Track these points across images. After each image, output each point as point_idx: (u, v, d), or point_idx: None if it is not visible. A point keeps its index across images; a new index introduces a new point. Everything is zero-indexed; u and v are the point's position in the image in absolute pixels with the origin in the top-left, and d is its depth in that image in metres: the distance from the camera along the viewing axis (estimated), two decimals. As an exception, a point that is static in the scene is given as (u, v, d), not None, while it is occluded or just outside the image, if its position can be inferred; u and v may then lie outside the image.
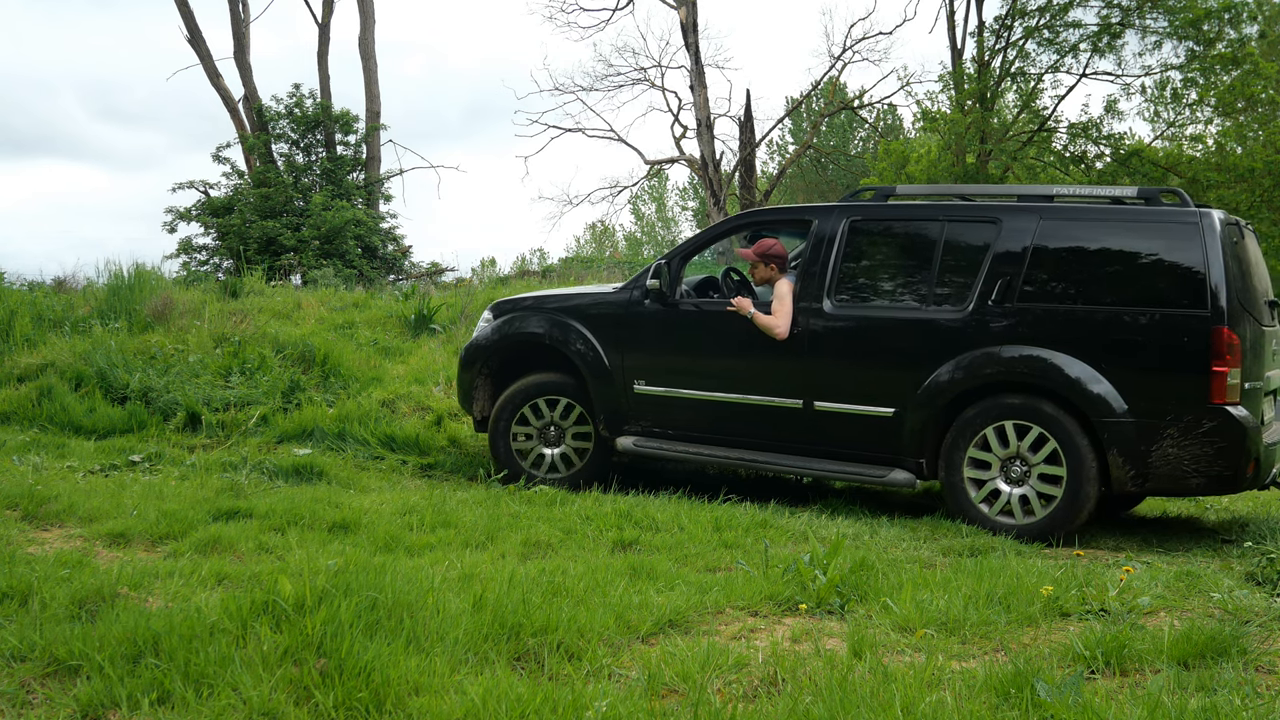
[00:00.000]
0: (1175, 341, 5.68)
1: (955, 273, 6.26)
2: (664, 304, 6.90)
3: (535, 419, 7.24)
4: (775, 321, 6.48)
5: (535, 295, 7.70)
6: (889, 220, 6.66)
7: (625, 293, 7.11)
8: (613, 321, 7.04)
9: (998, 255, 6.12)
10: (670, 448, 6.88)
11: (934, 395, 6.10)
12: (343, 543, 4.89)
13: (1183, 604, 4.07)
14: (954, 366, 6.07)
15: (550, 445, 7.26)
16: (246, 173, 22.38)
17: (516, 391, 7.24)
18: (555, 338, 7.16)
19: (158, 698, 2.89)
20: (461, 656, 3.21)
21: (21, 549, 4.48)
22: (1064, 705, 2.85)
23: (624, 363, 6.95)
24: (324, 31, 23.24)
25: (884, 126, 33.18)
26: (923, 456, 6.19)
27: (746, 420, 6.67)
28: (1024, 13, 21.06)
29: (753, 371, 6.62)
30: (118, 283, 11.29)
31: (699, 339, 6.84)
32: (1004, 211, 6.24)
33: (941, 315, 6.19)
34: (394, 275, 21.75)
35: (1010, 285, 6.04)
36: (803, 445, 6.52)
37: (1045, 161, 22.37)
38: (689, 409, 6.83)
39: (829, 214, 6.65)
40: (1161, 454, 5.64)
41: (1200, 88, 20.48)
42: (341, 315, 11.54)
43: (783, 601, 4.02)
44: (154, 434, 8.17)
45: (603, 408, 7.01)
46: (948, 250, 6.30)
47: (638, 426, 6.96)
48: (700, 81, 23.05)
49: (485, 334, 7.49)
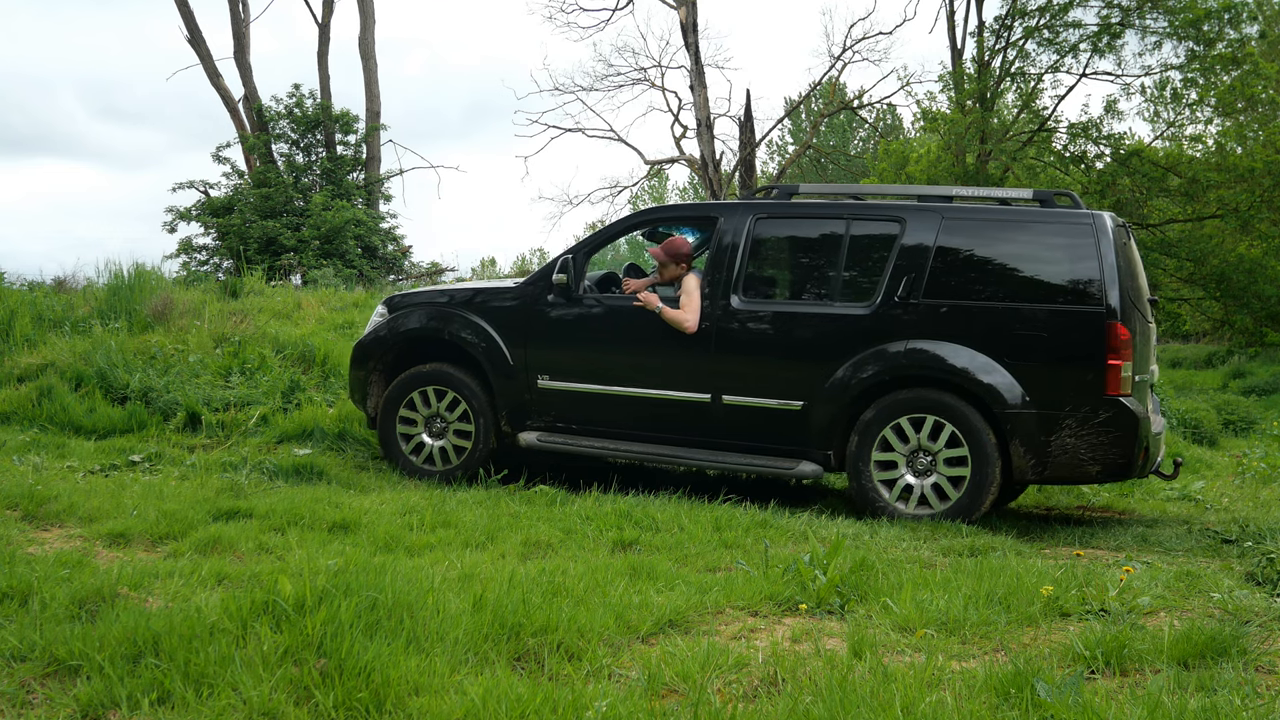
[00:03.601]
0: (1072, 337, 5.96)
1: (861, 270, 6.44)
2: (569, 299, 6.91)
3: (423, 408, 7.21)
4: (684, 316, 6.54)
5: (431, 290, 7.70)
6: (795, 218, 6.77)
7: (528, 287, 7.09)
8: (515, 317, 7.03)
9: (903, 253, 6.29)
10: (576, 443, 6.89)
11: (841, 388, 6.25)
12: (343, 543, 4.89)
13: (1183, 604, 4.07)
14: (861, 360, 6.22)
15: (434, 437, 7.22)
16: (246, 173, 22.39)
17: (406, 379, 7.21)
18: (454, 333, 7.14)
19: (158, 698, 2.89)
20: (461, 656, 3.21)
21: (21, 549, 4.48)
22: (1064, 705, 2.85)
23: (527, 358, 6.95)
24: (324, 31, 23.24)
25: (884, 126, 33.18)
26: (830, 448, 6.33)
27: (654, 415, 6.70)
28: (1024, 13, 21.06)
29: (660, 366, 6.68)
30: (118, 283, 11.29)
31: (605, 334, 6.89)
32: (908, 211, 6.43)
33: (849, 310, 6.35)
34: (394, 275, 21.75)
35: (916, 282, 6.22)
36: (711, 439, 6.60)
37: (1045, 161, 22.38)
38: (595, 404, 6.85)
39: (735, 211, 6.76)
40: (1060, 443, 5.90)
41: (1200, 88, 20.49)
42: (341, 315, 11.54)
43: (783, 601, 4.02)
44: (154, 434, 8.17)
45: (505, 403, 7.00)
46: (854, 248, 6.49)
47: (541, 421, 6.97)
48: (700, 81, 23.05)
49: (379, 329, 7.45)
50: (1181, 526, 6.71)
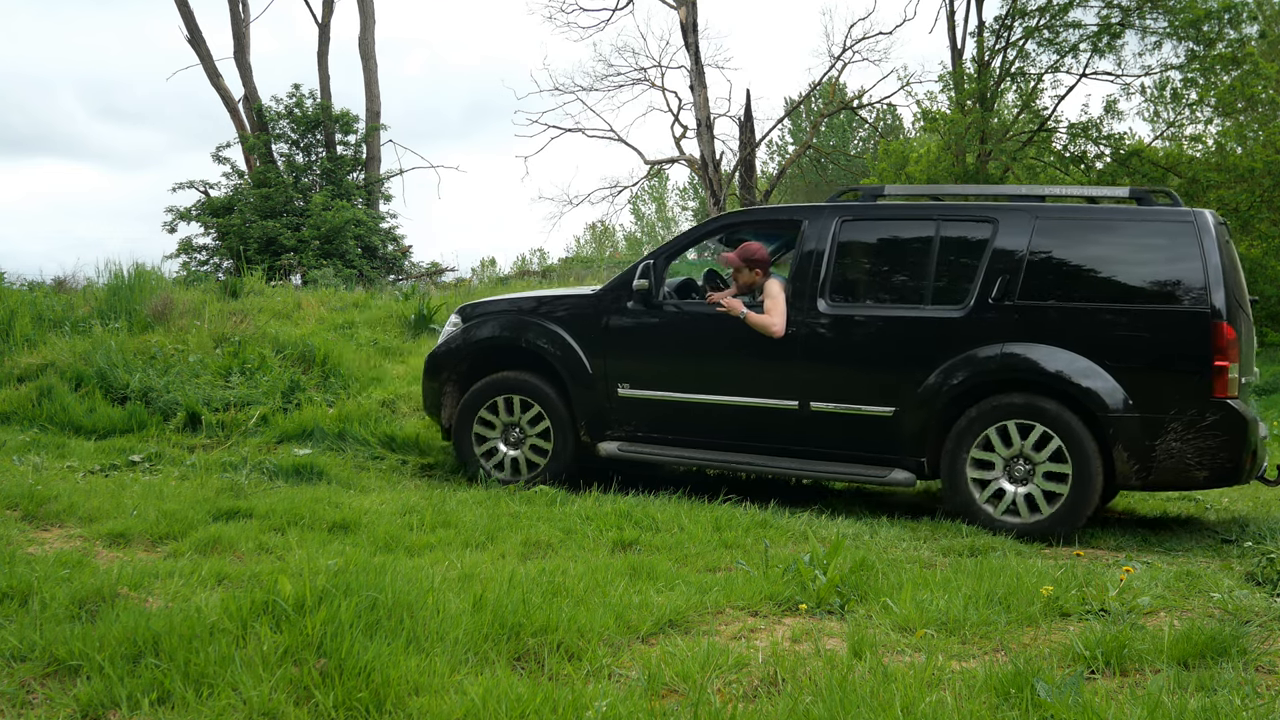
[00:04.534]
0: (1177, 338, 5.77)
1: (953, 271, 6.28)
2: (648, 305, 6.80)
3: (501, 416, 7.07)
4: (770, 321, 6.42)
5: (505, 298, 7.56)
6: (882, 220, 6.64)
7: (606, 294, 6.98)
8: (594, 324, 6.91)
9: (996, 254, 6.14)
10: (658, 452, 6.77)
11: (934, 394, 6.09)
12: (343, 543, 4.89)
13: (1183, 604, 4.07)
14: (955, 364, 6.06)
15: (511, 446, 7.09)
16: (246, 173, 22.40)
17: (483, 387, 7.08)
18: (531, 341, 7.01)
19: (158, 698, 2.89)
20: (461, 656, 3.21)
21: (21, 549, 4.48)
22: (1064, 705, 2.85)
23: (606, 366, 6.82)
24: (324, 31, 23.25)
25: (884, 126, 33.19)
26: (923, 456, 6.17)
27: (739, 422, 6.57)
28: (1024, 13, 21.07)
29: (745, 373, 6.55)
30: (118, 283, 11.29)
31: (687, 341, 6.75)
32: (1000, 211, 6.28)
33: (941, 313, 6.19)
34: (394, 275, 21.76)
35: (1010, 283, 6.06)
36: (798, 447, 6.46)
37: (1045, 162, 22.38)
38: (677, 412, 6.72)
39: (820, 213, 6.63)
40: (1165, 448, 5.70)
41: (1200, 88, 20.50)
42: (341, 315, 11.54)
43: (783, 601, 4.01)
44: (154, 434, 8.17)
45: (584, 412, 6.86)
46: (944, 249, 6.32)
47: (621, 431, 6.85)
48: (700, 81, 23.05)
49: (453, 339, 7.32)
50: (1181, 526, 6.71)
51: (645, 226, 54.02)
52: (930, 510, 6.36)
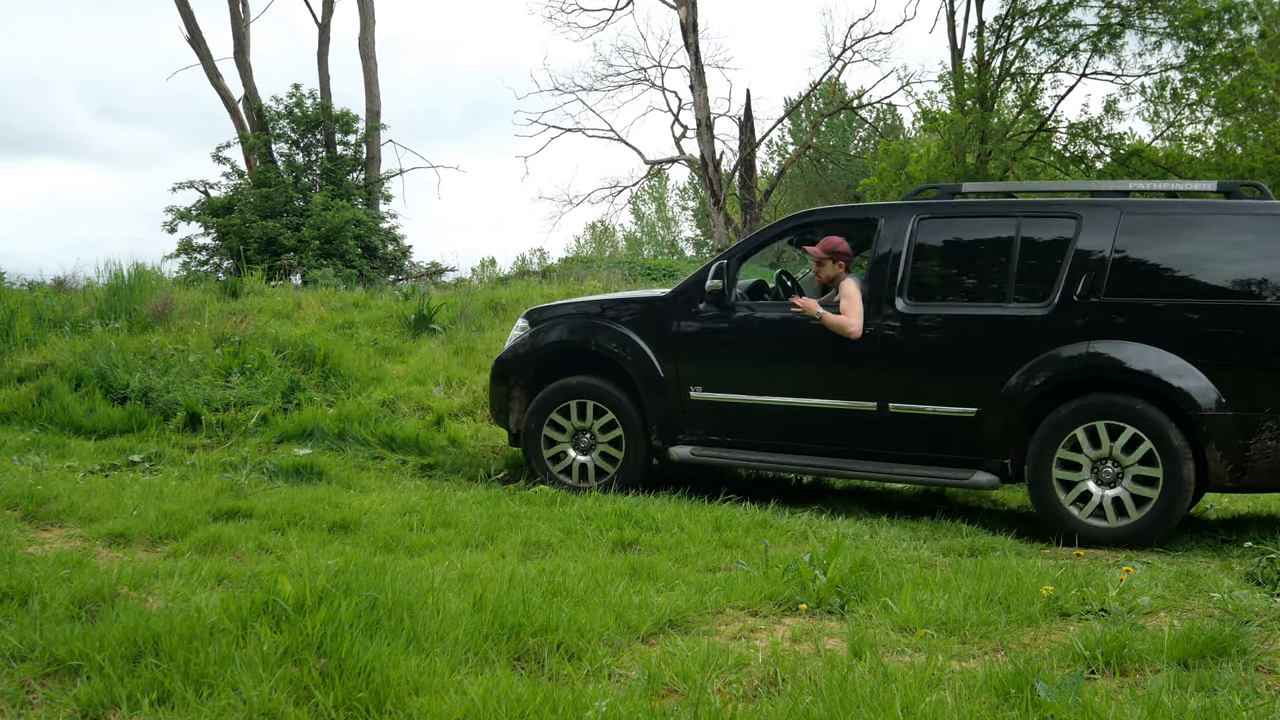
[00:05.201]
0: (1272, 334, 5.60)
1: (1036, 268, 6.09)
2: (721, 307, 6.67)
3: (572, 421, 6.96)
4: (847, 321, 6.29)
5: (573, 302, 7.49)
6: (961, 217, 6.47)
7: (677, 296, 6.85)
8: (665, 326, 6.79)
9: (1080, 250, 5.97)
10: (731, 456, 6.65)
11: (1018, 394, 5.93)
12: (343, 543, 4.89)
13: (1183, 604, 4.07)
14: (1039, 363, 5.90)
15: (582, 452, 6.97)
16: (246, 173, 22.39)
17: (553, 391, 6.98)
18: (601, 345, 6.91)
19: (158, 698, 2.89)
20: (461, 656, 3.21)
21: (21, 549, 4.48)
22: (1064, 705, 2.85)
23: (679, 369, 6.71)
24: (324, 31, 23.25)
25: (884, 126, 33.19)
26: (1007, 457, 6.01)
27: (815, 425, 6.42)
28: (1024, 13, 21.09)
29: (821, 374, 6.41)
30: (118, 283, 11.30)
31: (762, 342, 6.61)
32: (1084, 207, 6.11)
33: (1024, 312, 6.03)
34: (394, 275, 21.75)
35: (1095, 280, 5.89)
36: (877, 449, 6.30)
37: (1045, 161, 22.40)
38: (752, 415, 6.58)
39: (896, 212, 6.50)
40: (1260, 448, 5.53)
41: (1200, 88, 20.51)
42: (341, 315, 11.54)
43: (783, 601, 4.01)
44: (154, 434, 8.17)
45: (655, 416, 6.74)
46: (1026, 246, 6.14)
47: (694, 435, 6.72)
48: (700, 81, 23.05)
49: (521, 343, 7.22)
50: (1181, 526, 6.70)
51: (645, 226, 54.04)
52: (930, 510, 6.36)
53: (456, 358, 10.20)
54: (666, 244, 52.03)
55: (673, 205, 53.07)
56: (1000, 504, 7.37)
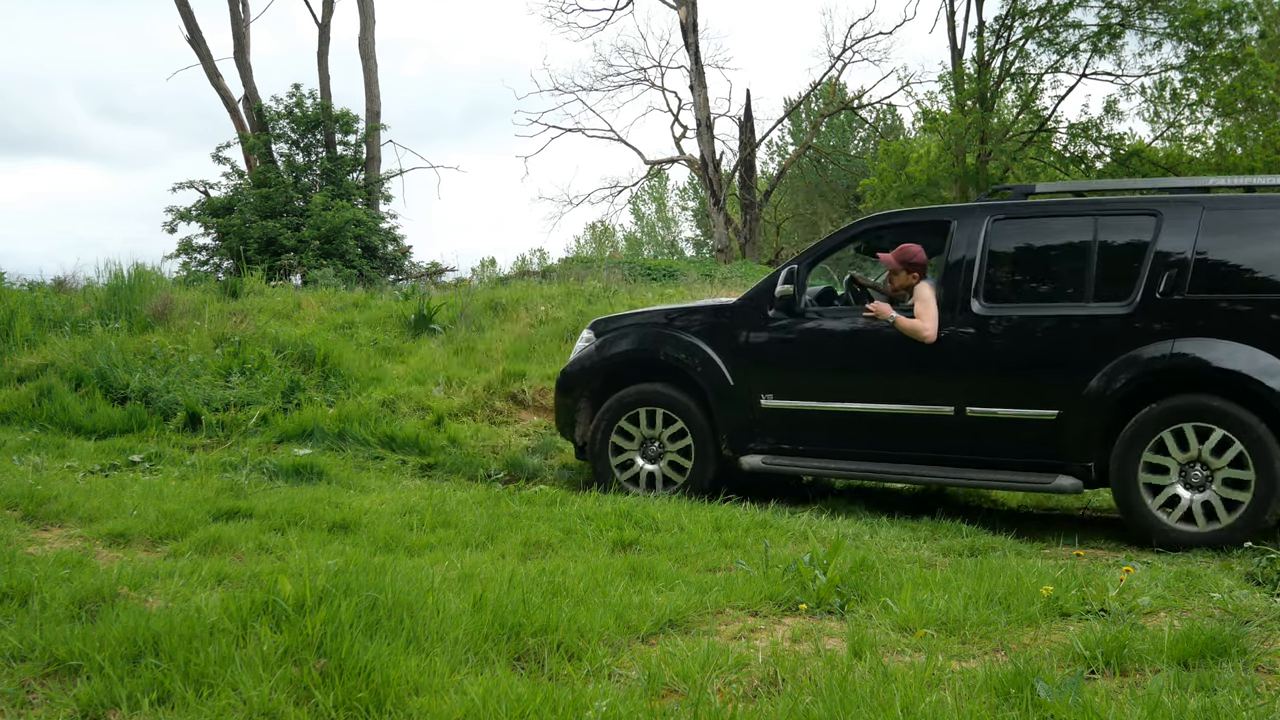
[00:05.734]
0: None
1: (1116, 267, 5.98)
2: (791, 313, 6.61)
3: (642, 429, 6.92)
4: (922, 325, 6.21)
5: (639, 312, 7.44)
6: (1037, 217, 6.35)
7: (746, 303, 6.82)
8: (734, 334, 6.75)
9: (1162, 247, 5.85)
10: (804, 464, 6.58)
11: (1100, 395, 5.81)
12: (343, 543, 4.89)
13: (1183, 604, 4.07)
14: (1121, 363, 5.78)
15: (650, 460, 6.93)
16: (246, 173, 22.40)
17: (622, 398, 6.95)
18: (669, 354, 6.87)
19: (158, 698, 2.89)
20: (461, 656, 3.21)
21: (21, 549, 4.48)
22: (1064, 705, 2.84)
23: (749, 377, 6.65)
24: (324, 31, 23.26)
25: (884, 126, 33.20)
26: (1090, 461, 5.90)
27: (891, 431, 6.35)
28: (1024, 13, 21.10)
29: (897, 379, 6.33)
30: (118, 283, 11.31)
31: (834, 348, 6.56)
32: (1164, 204, 6.00)
33: (1105, 311, 5.91)
34: (394, 275, 21.75)
35: (1179, 277, 5.76)
36: (954, 454, 6.22)
37: (1045, 161, 22.40)
38: (825, 423, 6.51)
39: (969, 213, 6.42)
40: None
41: (1200, 88, 20.53)
42: (341, 315, 11.55)
43: (783, 601, 4.01)
44: (154, 434, 8.17)
45: (725, 425, 6.69)
46: (1105, 245, 6.03)
47: (765, 443, 6.65)
48: (700, 81, 23.05)
49: (587, 355, 7.19)
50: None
51: (645, 226, 54.02)
52: (930, 510, 6.35)
53: (456, 358, 10.21)
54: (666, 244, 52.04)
55: (673, 205, 53.07)
56: (1000, 504, 7.37)
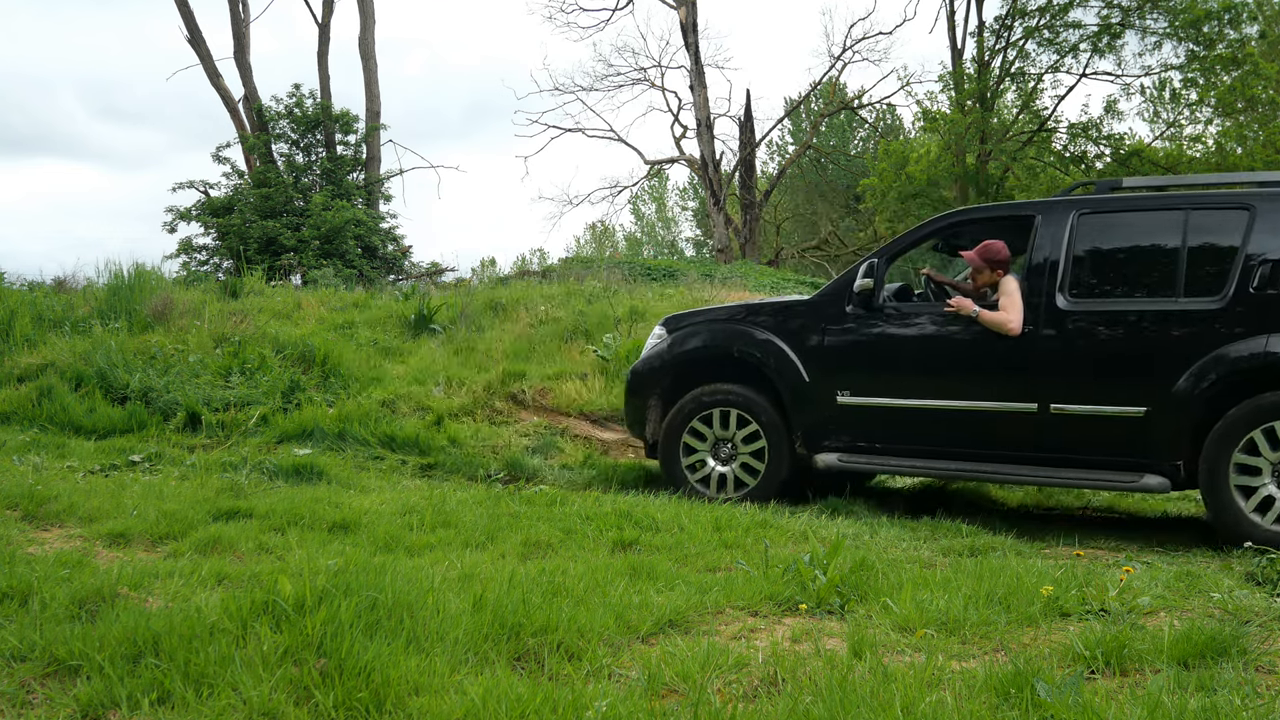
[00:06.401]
0: None
1: (1206, 261, 5.85)
2: (869, 309, 6.53)
3: (715, 429, 6.85)
4: (1006, 318, 6.11)
5: (712, 309, 7.37)
6: (1124, 211, 6.21)
7: (822, 299, 6.75)
8: (811, 330, 6.66)
9: (1256, 240, 5.73)
10: (881, 462, 6.50)
11: (1190, 392, 5.68)
12: (343, 543, 4.88)
13: (1183, 604, 4.07)
14: (1212, 360, 5.65)
15: (722, 462, 6.87)
16: (246, 173, 22.40)
17: (695, 398, 6.88)
18: (744, 351, 6.79)
19: (158, 698, 2.89)
20: (461, 656, 3.21)
21: (21, 549, 4.48)
22: (1064, 705, 2.84)
23: (825, 373, 6.57)
24: (324, 31, 23.26)
25: (884, 126, 33.20)
26: (1179, 459, 5.76)
27: (971, 428, 6.23)
28: (1024, 13, 21.10)
29: (977, 375, 6.23)
30: (118, 283, 11.32)
31: (913, 343, 6.46)
32: (1257, 197, 5.87)
33: (1195, 306, 5.77)
34: (394, 275, 21.76)
35: (1274, 272, 5.63)
36: (1037, 452, 6.10)
37: (1045, 161, 22.40)
38: (903, 420, 6.42)
39: (1054, 208, 6.30)
40: None
41: (1200, 88, 20.53)
42: (341, 315, 11.55)
43: (783, 601, 4.01)
44: (154, 434, 8.17)
45: (800, 422, 6.61)
46: (1196, 239, 5.89)
47: (840, 441, 6.57)
48: (700, 81, 23.05)
49: (659, 351, 7.13)
50: (1181, 526, 6.71)
51: (645, 226, 54.03)
52: (930, 510, 6.35)
53: (456, 358, 10.21)
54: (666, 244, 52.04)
55: (673, 205, 53.07)
56: (1000, 504, 7.37)
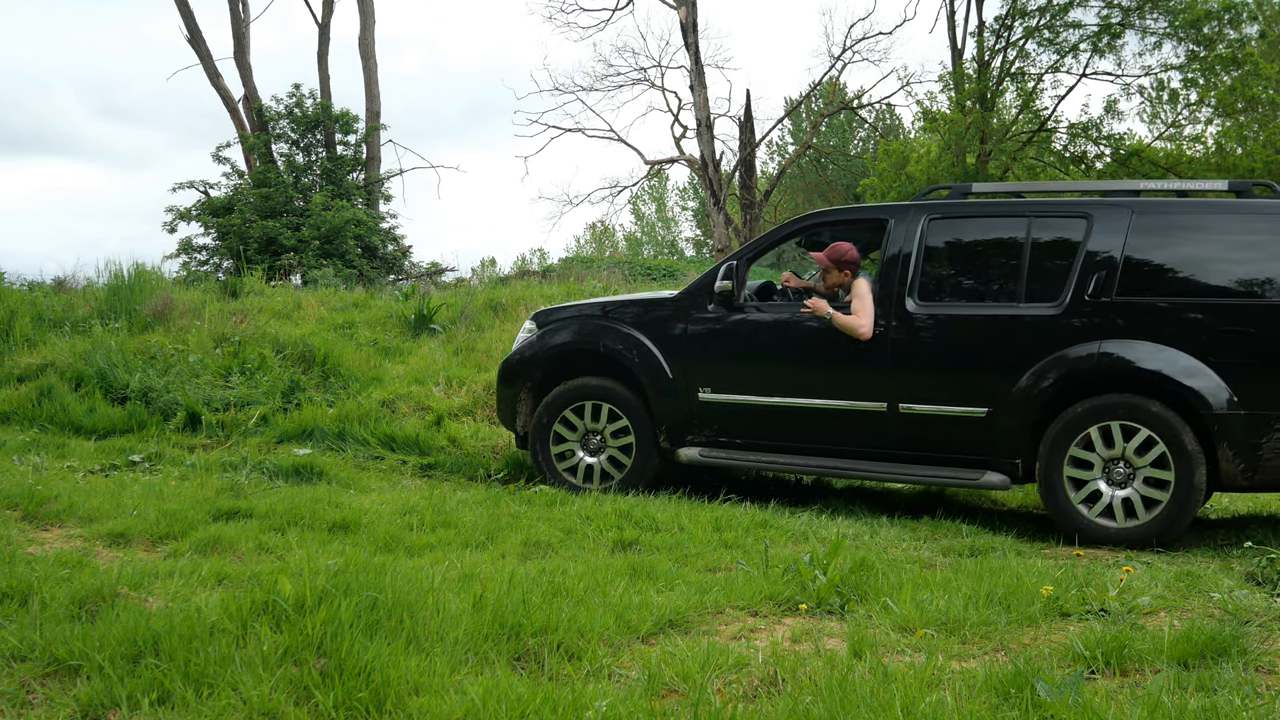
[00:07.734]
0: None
1: (1047, 268, 6.08)
2: (730, 308, 6.66)
3: (585, 422, 6.94)
4: (857, 321, 6.27)
5: (580, 304, 7.45)
6: (972, 217, 6.43)
7: (685, 298, 6.86)
8: (674, 328, 6.79)
9: (1092, 250, 5.97)
10: (740, 457, 6.64)
11: (1029, 394, 5.92)
12: (343, 543, 4.89)
13: (1183, 604, 4.07)
14: (1050, 363, 5.89)
15: (591, 453, 6.95)
16: (246, 173, 22.40)
17: (563, 392, 6.97)
18: (609, 347, 6.90)
19: (158, 698, 2.89)
20: (461, 656, 3.21)
21: (21, 549, 4.48)
22: (1064, 705, 2.85)
23: (687, 370, 6.70)
24: (324, 31, 23.26)
25: (884, 126, 33.19)
26: (1018, 457, 6.01)
27: (825, 426, 6.42)
28: (1024, 13, 21.09)
29: (831, 375, 6.41)
30: (118, 283, 11.31)
31: (771, 343, 6.60)
32: (1095, 207, 6.10)
33: (1034, 311, 6.01)
34: (394, 275, 21.76)
35: (1107, 279, 5.88)
36: (888, 450, 6.31)
37: (1045, 162, 22.39)
38: (761, 416, 6.57)
39: (906, 212, 6.48)
40: (1273, 447, 5.52)
41: (1200, 88, 20.51)
42: (341, 315, 11.55)
43: (783, 601, 4.02)
44: (154, 434, 8.18)
45: (664, 417, 6.74)
46: (1037, 246, 6.12)
47: (702, 436, 6.71)
48: (700, 81, 23.04)
49: (528, 345, 7.21)
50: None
51: (645, 226, 54.04)
52: (930, 510, 6.36)
53: (456, 358, 10.21)
54: (666, 244, 52.07)
55: (673, 205, 53.09)
56: (1000, 504, 7.37)
